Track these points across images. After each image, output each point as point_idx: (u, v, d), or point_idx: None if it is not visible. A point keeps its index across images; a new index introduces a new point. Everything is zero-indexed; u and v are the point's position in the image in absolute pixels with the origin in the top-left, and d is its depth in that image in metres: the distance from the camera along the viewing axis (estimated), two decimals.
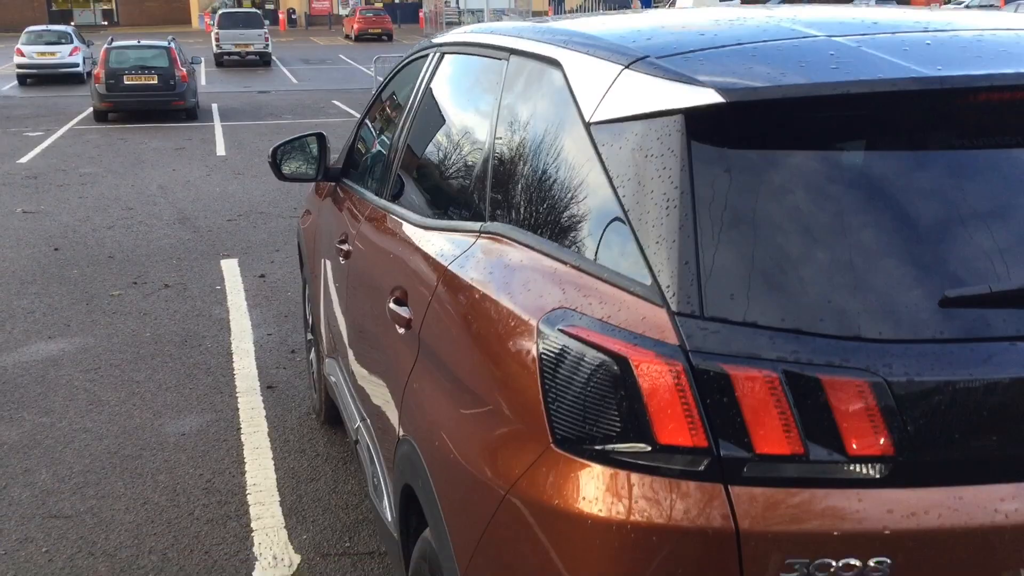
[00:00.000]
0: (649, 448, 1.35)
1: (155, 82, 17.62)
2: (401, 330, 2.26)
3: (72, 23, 29.71)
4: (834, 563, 1.32)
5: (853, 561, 1.32)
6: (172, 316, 6.23)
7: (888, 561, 1.32)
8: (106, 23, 55.26)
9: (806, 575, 1.32)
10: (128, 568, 3.34)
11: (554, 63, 1.93)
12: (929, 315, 1.36)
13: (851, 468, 1.32)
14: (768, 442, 1.32)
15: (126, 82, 17.46)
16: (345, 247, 3.12)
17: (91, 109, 18.30)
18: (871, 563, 1.32)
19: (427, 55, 2.91)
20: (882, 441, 1.31)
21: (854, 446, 1.31)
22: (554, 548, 1.46)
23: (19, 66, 25.02)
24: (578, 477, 1.42)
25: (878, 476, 1.32)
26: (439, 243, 2.18)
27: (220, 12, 31.21)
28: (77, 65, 25.57)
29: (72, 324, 6.08)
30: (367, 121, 3.67)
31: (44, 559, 3.40)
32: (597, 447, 1.41)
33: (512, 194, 1.96)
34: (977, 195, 1.45)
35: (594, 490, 1.40)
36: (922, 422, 1.32)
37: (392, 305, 2.31)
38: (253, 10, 30.92)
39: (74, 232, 8.70)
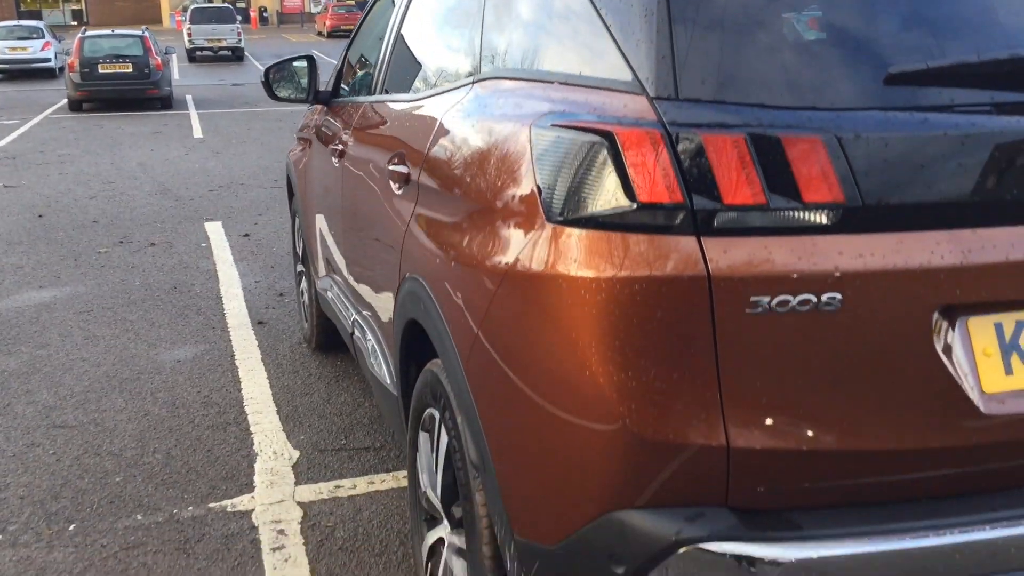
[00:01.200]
0: (633, 206, 1.54)
1: (130, 71, 17.66)
2: (399, 189, 2.44)
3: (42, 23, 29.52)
4: (792, 299, 1.51)
5: (808, 297, 1.51)
6: (160, 268, 6.37)
7: (839, 296, 1.52)
8: (76, 23, 54.89)
9: (768, 311, 1.52)
10: (134, 464, 3.50)
11: None
12: (875, 89, 1.57)
13: (806, 215, 1.52)
14: (735, 194, 1.52)
15: (100, 71, 17.49)
16: (339, 147, 3.30)
17: (65, 100, 18.31)
18: (824, 298, 1.52)
19: None
20: (833, 189, 1.51)
21: (809, 194, 1.51)
22: (549, 313, 1.65)
23: None
24: (570, 243, 1.61)
25: (829, 222, 1.52)
26: (435, 103, 2.37)
27: (192, 7, 31.16)
28: (49, 60, 25.51)
29: (62, 276, 6.20)
30: (354, 44, 3.85)
31: (52, 459, 3.55)
32: (586, 214, 1.60)
33: (502, 45, 2.15)
34: None
35: (584, 252, 1.59)
36: (867, 174, 1.52)
37: (391, 167, 2.49)
38: (225, 5, 30.88)
39: (56, 202, 8.80)
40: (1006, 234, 1.57)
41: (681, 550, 1.55)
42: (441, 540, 2.29)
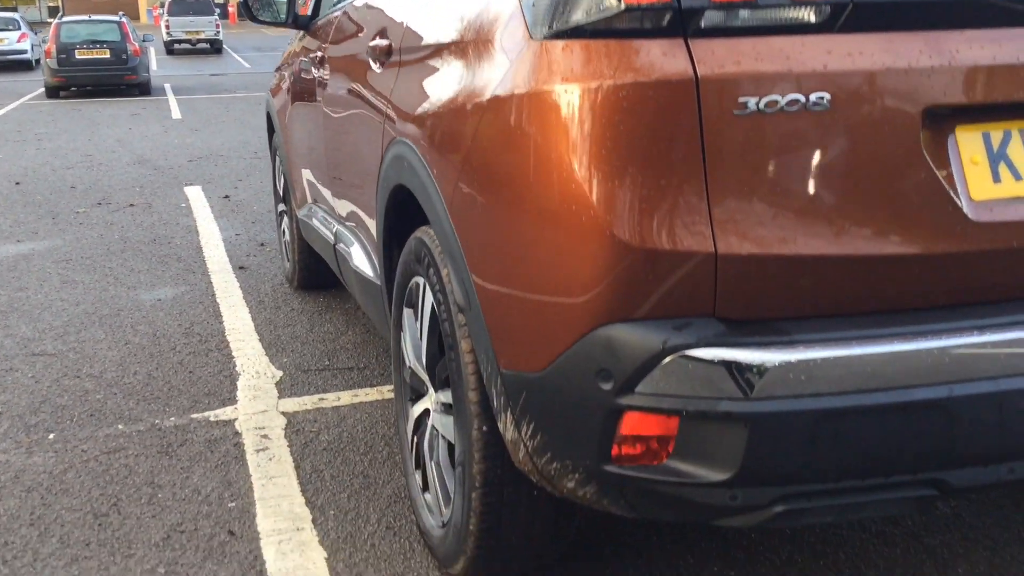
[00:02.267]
0: (620, 6, 1.52)
1: (107, 56, 17.55)
2: (381, 67, 2.42)
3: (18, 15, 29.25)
4: (780, 99, 1.50)
5: (797, 97, 1.50)
6: (139, 225, 6.31)
7: (827, 96, 1.51)
8: (52, 19, 54.49)
9: (756, 111, 1.50)
10: (115, 384, 3.46)
11: None
12: None
13: (794, 13, 1.51)
14: None
15: (77, 56, 17.37)
16: (319, 55, 3.27)
17: (42, 88, 18.16)
18: (812, 98, 1.50)
19: None
20: None
21: None
22: (537, 130, 1.62)
23: None
24: (556, 56, 1.59)
25: (818, 21, 1.51)
26: None
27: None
28: (25, 52, 25.33)
29: (40, 232, 6.13)
30: None
31: (31, 381, 3.50)
32: (572, 23, 1.58)
33: None
34: None
35: (570, 63, 1.57)
36: None
37: (372, 43, 2.46)
38: None
39: (34, 172, 8.71)
40: (995, 36, 1.56)
41: (668, 358, 1.53)
42: (426, 412, 2.27)
